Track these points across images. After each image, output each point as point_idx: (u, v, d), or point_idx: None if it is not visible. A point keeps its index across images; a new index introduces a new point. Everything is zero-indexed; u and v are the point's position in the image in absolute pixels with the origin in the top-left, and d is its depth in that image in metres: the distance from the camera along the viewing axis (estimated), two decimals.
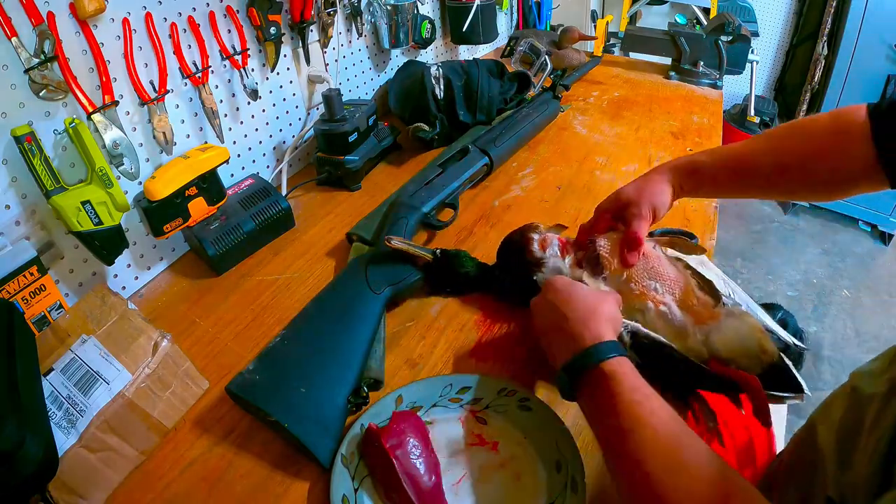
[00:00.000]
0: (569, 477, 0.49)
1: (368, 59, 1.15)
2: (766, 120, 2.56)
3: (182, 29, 0.73)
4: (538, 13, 1.69)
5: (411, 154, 1.08)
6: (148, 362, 0.54)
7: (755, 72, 2.32)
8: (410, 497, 0.47)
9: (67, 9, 0.59)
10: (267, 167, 0.96)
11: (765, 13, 2.59)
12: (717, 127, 1.16)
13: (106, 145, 0.65)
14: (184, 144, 0.78)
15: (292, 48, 0.94)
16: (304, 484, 0.52)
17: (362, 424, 0.53)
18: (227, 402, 0.59)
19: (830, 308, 2.08)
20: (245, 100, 0.86)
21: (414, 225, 0.78)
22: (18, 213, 0.61)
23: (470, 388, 0.58)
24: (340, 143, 0.92)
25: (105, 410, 0.50)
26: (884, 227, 2.40)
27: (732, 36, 1.33)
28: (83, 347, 0.54)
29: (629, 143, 1.09)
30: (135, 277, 0.77)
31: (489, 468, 0.52)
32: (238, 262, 0.80)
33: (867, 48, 2.12)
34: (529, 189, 0.95)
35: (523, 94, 1.17)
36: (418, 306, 0.72)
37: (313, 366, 0.57)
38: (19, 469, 0.42)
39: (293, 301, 0.73)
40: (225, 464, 0.54)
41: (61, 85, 0.59)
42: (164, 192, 0.70)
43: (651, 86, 1.37)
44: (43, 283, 0.61)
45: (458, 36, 1.29)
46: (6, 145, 0.58)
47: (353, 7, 1.03)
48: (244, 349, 0.66)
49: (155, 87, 0.71)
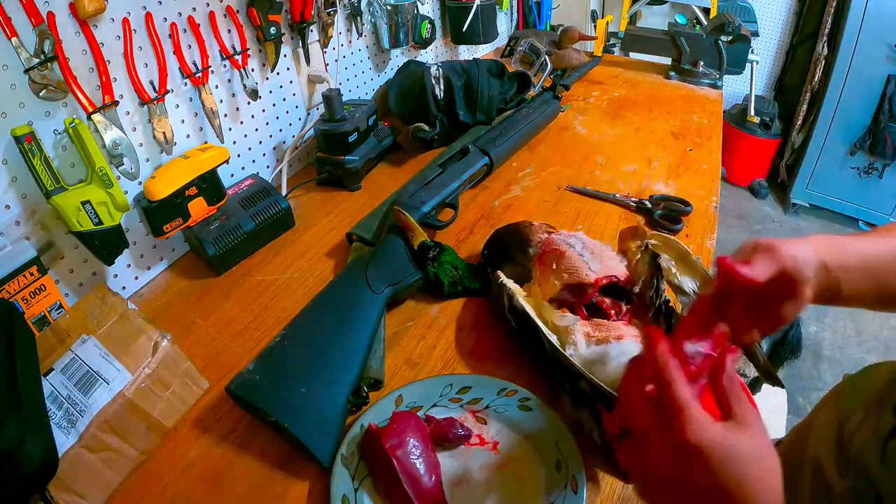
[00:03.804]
0: (569, 477, 0.49)
1: (368, 59, 1.15)
2: (766, 120, 2.56)
3: (182, 29, 0.73)
4: (538, 13, 1.69)
5: (411, 154, 1.08)
6: (148, 362, 0.54)
7: (755, 72, 2.32)
8: (410, 497, 0.47)
9: (67, 9, 0.59)
10: (267, 167, 0.96)
11: (765, 13, 2.59)
12: (717, 127, 1.16)
13: (106, 145, 0.65)
14: (184, 144, 0.78)
15: (292, 48, 0.94)
16: (304, 484, 0.52)
17: (362, 424, 0.53)
18: (227, 402, 0.59)
19: (830, 308, 2.08)
20: (245, 100, 0.86)
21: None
22: (18, 213, 0.61)
23: (470, 388, 0.58)
24: (340, 143, 0.92)
25: (105, 410, 0.50)
26: None
27: (732, 36, 1.34)
28: (83, 347, 0.54)
29: (629, 143, 1.09)
30: (135, 277, 0.77)
31: (489, 468, 0.52)
32: (238, 262, 0.80)
33: (867, 48, 2.12)
34: (529, 189, 0.95)
35: (523, 94, 1.17)
36: (418, 306, 0.72)
37: (313, 366, 0.57)
38: (19, 469, 0.42)
39: (293, 301, 0.73)
40: (225, 464, 0.54)
41: (61, 85, 0.59)
42: (164, 192, 0.70)
43: (651, 86, 1.37)
44: (43, 283, 0.61)
45: (458, 36, 1.29)
46: (6, 145, 0.58)
47: (353, 7, 1.03)
48: (244, 349, 0.66)
49: (155, 87, 0.71)
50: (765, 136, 2.60)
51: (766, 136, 2.60)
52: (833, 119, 2.32)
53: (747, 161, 2.71)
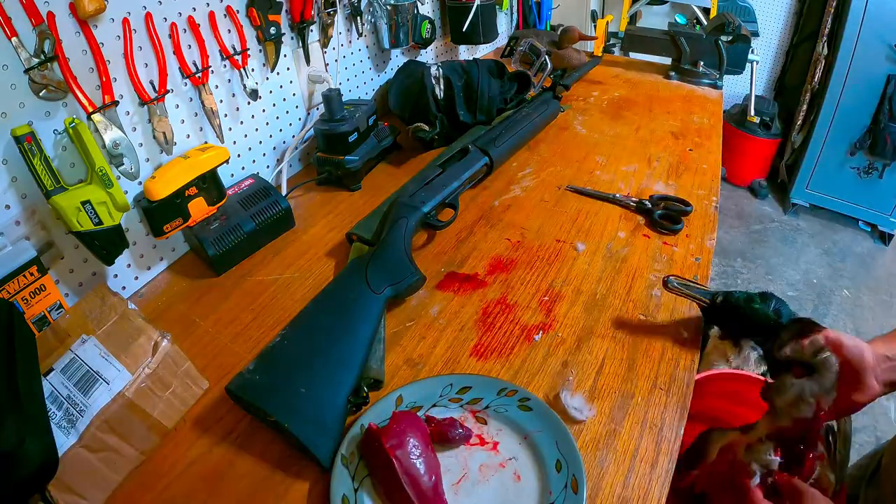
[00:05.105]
0: (569, 477, 0.49)
1: (368, 59, 1.15)
2: (766, 120, 2.56)
3: (182, 29, 0.73)
4: (538, 13, 1.69)
5: (411, 154, 1.08)
6: (148, 362, 0.54)
7: (755, 72, 2.32)
8: (410, 497, 0.47)
9: (67, 9, 0.59)
10: (267, 167, 0.96)
11: (765, 13, 2.59)
12: (717, 127, 1.16)
13: (106, 145, 0.65)
14: (184, 144, 0.78)
15: (292, 48, 0.94)
16: (304, 484, 0.52)
17: (362, 424, 0.53)
18: (227, 402, 0.59)
19: (830, 308, 2.08)
20: (245, 100, 0.86)
21: (414, 225, 0.78)
22: (18, 213, 0.61)
23: (470, 388, 0.58)
24: (340, 143, 0.92)
25: (105, 410, 0.50)
26: (884, 227, 2.40)
27: (732, 36, 1.33)
28: (83, 347, 0.54)
29: (629, 143, 1.09)
30: (135, 277, 0.77)
31: (489, 468, 0.52)
32: (238, 262, 0.80)
33: (867, 48, 2.12)
34: (529, 189, 0.95)
35: (523, 94, 1.17)
36: (418, 306, 0.72)
37: (313, 366, 0.57)
38: (19, 469, 0.42)
39: (293, 301, 0.73)
40: (225, 464, 0.54)
41: (61, 85, 0.59)
42: (164, 192, 0.70)
43: (651, 86, 1.37)
44: (43, 283, 0.61)
45: (458, 36, 1.29)
46: (6, 145, 0.58)
47: (353, 7, 1.03)
48: (244, 349, 0.66)
49: (155, 87, 0.71)
50: (765, 136, 2.60)
51: (766, 136, 2.60)
52: (833, 119, 2.32)
53: (747, 161, 2.71)
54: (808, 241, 2.44)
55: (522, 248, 0.81)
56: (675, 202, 0.88)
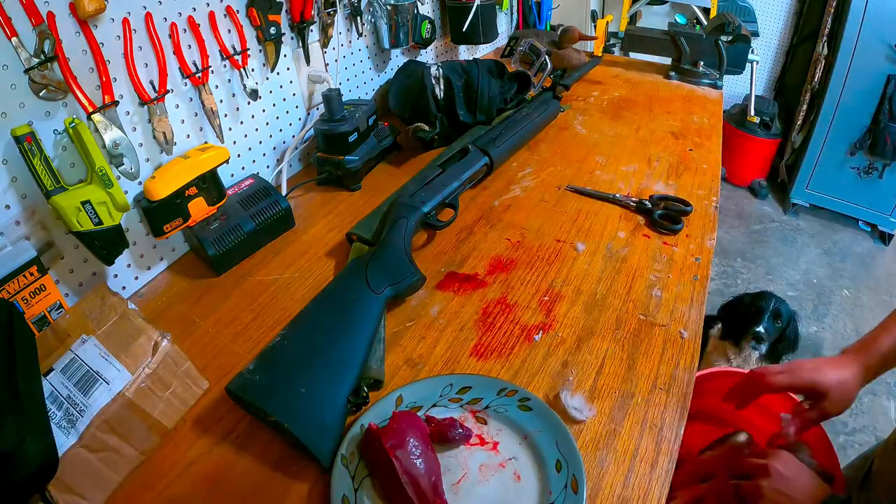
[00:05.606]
0: (569, 477, 0.49)
1: (368, 59, 1.15)
2: (766, 120, 2.57)
3: (182, 29, 0.73)
4: (538, 13, 1.69)
5: (411, 154, 1.08)
6: (148, 362, 0.54)
7: (755, 72, 2.32)
8: (410, 497, 0.47)
9: (67, 9, 0.59)
10: (267, 167, 0.96)
11: (765, 13, 2.59)
12: (717, 127, 1.16)
13: (106, 145, 0.65)
14: (184, 144, 0.78)
15: (292, 48, 0.94)
16: (304, 484, 0.52)
17: (362, 424, 0.53)
18: (227, 402, 0.59)
19: (830, 308, 2.08)
20: (245, 100, 0.86)
21: (414, 225, 0.78)
22: (18, 213, 0.61)
23: (470, 388, 0.58)
24: (340, 143, 0.92)
25: (105, 410, 0.50)
26: (884, 227, 2.40)
27: (732, 36, 1.33)
28: (83, 347, 0.54)
29: (629, 143, 1.09)
30: (135, 277, 0.77)
31: (489, 468, 0.52)
32: (238, 262, 0.80)
33: (867, 48, 2.12)
34: (529, 189, 0.95)
35: (523, 94, 1.17)
36: (418, 306, 0.72)
37: (313, 366, 0.57)
38: (19, 469, 0.42)
39: (293, 301, 0.73)
40: (225, 464, 0.54)
41: (61, 85, 0.59)
42: (164, 192, 0.70)
43: (651, 86, 1.37)
44: (43, 283, 0.61)
45: (458, 36, 1.29)
46: (6, 145, 0.58)
47: (353, 7, 1.03)
48: (244, 349, 0.66)
49: (155, 87, 0.71)
50: (765, 136, 2.60)
51: (766, 136, 2.60)
52: (833, 119, 2.32)
53: (747, 161, 2.71)
54: (808, 241, 2.44)
55: (522, 248, 0.81)
56: (675, 202, 0.88)
